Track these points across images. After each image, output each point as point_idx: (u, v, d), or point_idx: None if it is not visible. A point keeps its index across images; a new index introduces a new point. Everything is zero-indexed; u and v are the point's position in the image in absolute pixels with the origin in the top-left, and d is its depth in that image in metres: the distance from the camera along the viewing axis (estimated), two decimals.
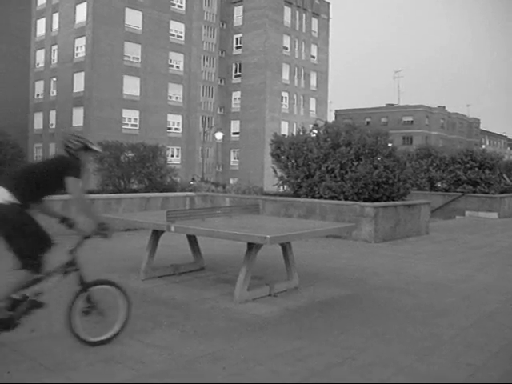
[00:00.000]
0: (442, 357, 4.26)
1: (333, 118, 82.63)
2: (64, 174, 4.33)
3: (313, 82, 70.74)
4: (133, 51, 53.09)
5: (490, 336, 4.86)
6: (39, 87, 57.15)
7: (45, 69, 55.95)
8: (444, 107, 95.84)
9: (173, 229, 6.06)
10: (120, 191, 14.97)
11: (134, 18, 52.72)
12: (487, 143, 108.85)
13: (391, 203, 11.64)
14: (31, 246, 4.30)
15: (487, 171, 18.89)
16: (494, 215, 17.73)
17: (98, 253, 8.70)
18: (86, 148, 4.58)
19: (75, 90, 51.86)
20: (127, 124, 52.74)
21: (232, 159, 67.94)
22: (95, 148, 4.66)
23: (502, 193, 19.16)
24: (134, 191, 15.18)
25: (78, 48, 51.97)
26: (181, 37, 57.54)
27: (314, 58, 71.30)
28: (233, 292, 5.79)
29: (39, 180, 4.38)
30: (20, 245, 4.22)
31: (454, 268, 8.26)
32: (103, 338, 4.27)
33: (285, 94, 66.57)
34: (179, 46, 57.29)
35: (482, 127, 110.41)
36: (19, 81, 58.10)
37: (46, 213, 4.74)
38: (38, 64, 57.38)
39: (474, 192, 18.59)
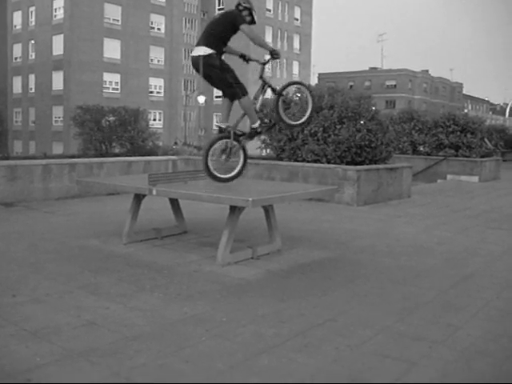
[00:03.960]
0: (422, 317, 4.32)
1: (316, 82, 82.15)
2: (236, 23, 6.03)
3: (296, 44, 70.13)
4: (113, 13, 52.11)
5: (470, 297, 4.93)
6: (17, 50, 56.04)
7: (22, 31, 54.76)
8: (427, 71, 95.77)
9: (155, 192, 6.02)
10: (102, 155, 14.85)
11: None
12: (469, 107, 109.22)
13: (373, 166, 11.67)
14: (233, 75, 6.12)
15: (469, 135, 18.95)
16: (475, 179, 17.88)
17: (79, 217, 8.67)
18: (250, 11, 6.32)
19: (54, 53, 50.94)
20: (108, 88, 52.09)
21: (215, 123, 67.46)
22: (254, 16, 6.36)
23: (483, 157, 19.28)
24: (116, 155, 15.07)
25: (56, 10, 50.85)
26: None
27: (297, 20, 70.54)
28: (215, 255, 5.80)
29: (221, 32, 6.07)
30: (226, 78, 6.04)
31: (435, 231, 8.34)
32: None
33: (268, 57, 65.87)
34: (160, 8, 56.33)
35: (464, 92, 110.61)
36: None
37: (229, 52, 6.43)
38: (15, 26, 56.10)
39: (456, 156, 18.68)
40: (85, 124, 16.15)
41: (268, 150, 14.03)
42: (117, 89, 52.68)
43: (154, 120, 53.25)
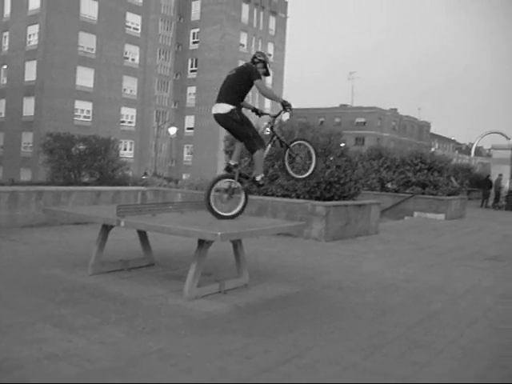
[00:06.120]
0: (387, 354, 4.34)
1: (287, 117, 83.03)
2: (252, 79, 6.36)
3: (268, 80, 70.92)
4: (87, 41, 52.10)
5: (435, 335, 4.97)
6: None
7: None
8: (396, 110, 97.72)
9: (123, 224, 5.98)
10: (70, 184, 14.69)
11: (89, 8, 51.73)
12: (436, 146, 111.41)
13: (342, 202, 11.78)
14: (253, 129, 6.49)
15: (436, 174, 19.32)
16: (441, 216, 18.18)
17: (45, 246, 8.54)
18: (265, 64, 6.66)
19: (26, 79, 50.58)
20: (80, 116, 51.79)
21: (185, 154, 67.62)
22: (269, 68, 6.70)
23: (449, 195, 19.63)
24: (85, 184, 14.94)
25: (30, 36, 50.67)
26: (137, 29, 56.80)
27: (270, 55, 71.51)
28: (182, 288, 5.75)
29: (239, 88, 6.39)
30: (247, 131, 6.41)
31: (401, 268, 8.42)
32: None
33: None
34: (135, 39, 56.55)
35: (432, 131, 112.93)
36: None
37: (245, 106, 6.66)
38: None
39: (423, 193, 18.99)
40: (54, 151, 16.01)
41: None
42: (88, 117, 52.41)
43: (125, 150, 53.00)
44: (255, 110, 6.93)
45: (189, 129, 66.90)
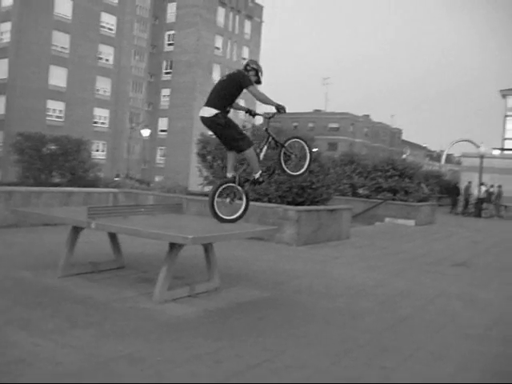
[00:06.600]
0: (356, 359, 4.37)
1: (261, 121, 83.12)
2: (243, 85, 6.48)
3: None
4: (61, 41, 51.55)
5: (404, 340, 5.03)
6: None
7: None
8: (368, 116, 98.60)
9: (93, 226, 5.92)
10: (41, 184, 14.48)
11: (63, 7, 51.18)
12: (408, 153, 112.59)
13: (314, 207, 11.84)
14: (238, 130, 6.64)
15: (407, 180, 19.54)
16: (412, 222, 18.39)
17: (14, 248, 8.41)
18: (257, 72, 6.76)
19: None
20: (52, 115, 51.20)
21: (158, 157, 67.24)
22: (261, 76, 6.80)
23: (419, 201, 19.86)
24: (56, 185, 14.75)
25: (2, 33, 49.92)
26: (112, 29, 56.39)
27: (245, 59, 71.55)
28: (153, 291, 5.72)
29: (228, 93, 6.51)
30: (232, 133, 6.57)
31: (371, 273, 8.50)
32: None
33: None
34: (110, 39, 56.14)
35: (403, 137, 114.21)
36: None
37: (237, 108, 6.99)
38: None
39: (394, 199, 19.18)
40: (25, 151, 15.76)
41: (210, 187, 14.01)
42: (61, 117, 51.82)
43: (97, 151, 52.52)
44: (248, 111, 7.08)
45: (162, 131, 66.55)
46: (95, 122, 55.27)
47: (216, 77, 65.54)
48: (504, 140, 63.87)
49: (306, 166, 7.44)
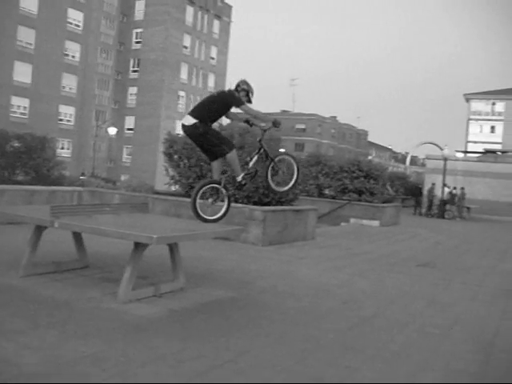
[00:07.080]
0: (320, 359, 4.41)
1: (228, 121, 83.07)
2: (235, 106, 6.63)
3: (211, 83, 70.94)
4: (26, 36, 50.75)
5: (367, 339, 5.09)
6: None
7: None
8: (335, 117, 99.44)
9: (57, 225, 5.85)
10: (3, 182, 14.21)
11: (29, 1, 50.36)
12: (374, 154, 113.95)
13: (280, 208, 11.89)
14: (217, 136, 6.77)
15: (372, 181, 19.76)
16: (376, 223, 18.61)
17: None
18: (247, 93, 6.81)
19: None
20: (16, 112, 50.37)
21: (124, 155, 66.68)
22: (251, 97, 6.86)
23: (384, 202, 20.12)
24: (19, 183, 14.49)
25: None
26: (79, 26, 55.75)
27: (213, 59, 71.58)
28: (117, 291, 5.68)
29: (213, 109, 6.66)
30: (211, 139, 6.65)
31: (336, 273, 8.58)
32: None
33: (182, 93, 66.32)
34: (76, 36, 55.48)
35: (369, 139, 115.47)
36: None
37: (234, 118, 7.30)
38: None
39: (359, 200, 19.38)
40: None
41: (177, 186, 13.96)
42: (25, 113, 51.00)
43: (62, 149, 51.86)
44: (247, 121, 7.19)
45: (129, 129, 66.02)
46: (60, 120, 54.56)
47: (183, 75, 65.41)
48: (467, 143, 65.15)
49: (290, 185, 7.60)
